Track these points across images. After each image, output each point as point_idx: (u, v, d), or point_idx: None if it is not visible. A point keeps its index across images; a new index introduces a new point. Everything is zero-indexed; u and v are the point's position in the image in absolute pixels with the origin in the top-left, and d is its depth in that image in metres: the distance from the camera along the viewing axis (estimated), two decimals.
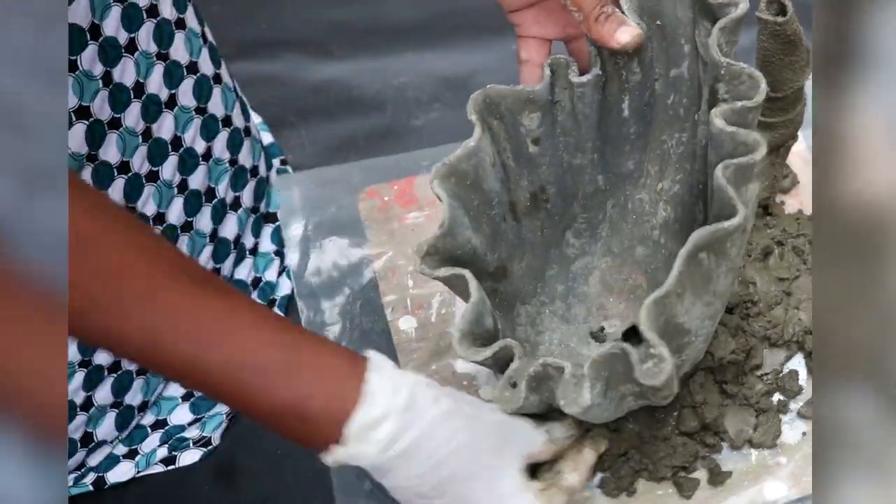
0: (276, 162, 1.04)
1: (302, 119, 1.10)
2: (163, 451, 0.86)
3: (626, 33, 0.72)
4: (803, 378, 0.82)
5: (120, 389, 0.85)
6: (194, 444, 0.87)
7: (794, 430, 0.80)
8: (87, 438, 0.84)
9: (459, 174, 0.73)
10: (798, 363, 0.82)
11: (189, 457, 0.86)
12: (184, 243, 0.87)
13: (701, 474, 0.78)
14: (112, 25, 0.76)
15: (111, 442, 0.86)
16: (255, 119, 1.08)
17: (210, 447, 0.87)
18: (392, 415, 0.61)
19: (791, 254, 0.86)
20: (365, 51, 1.17)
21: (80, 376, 0.81)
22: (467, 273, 0.69)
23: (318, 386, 0.61)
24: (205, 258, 0.90)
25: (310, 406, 0.61)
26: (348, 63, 1.16)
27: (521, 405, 0.67)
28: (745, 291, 0.83)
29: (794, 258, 0.85)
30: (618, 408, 0.69)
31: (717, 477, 0.78)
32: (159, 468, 0.86)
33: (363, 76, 1.14)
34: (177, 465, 0.86)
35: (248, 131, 0.93)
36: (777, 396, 0.81)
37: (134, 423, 0.87)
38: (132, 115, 0.79)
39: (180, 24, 0.82)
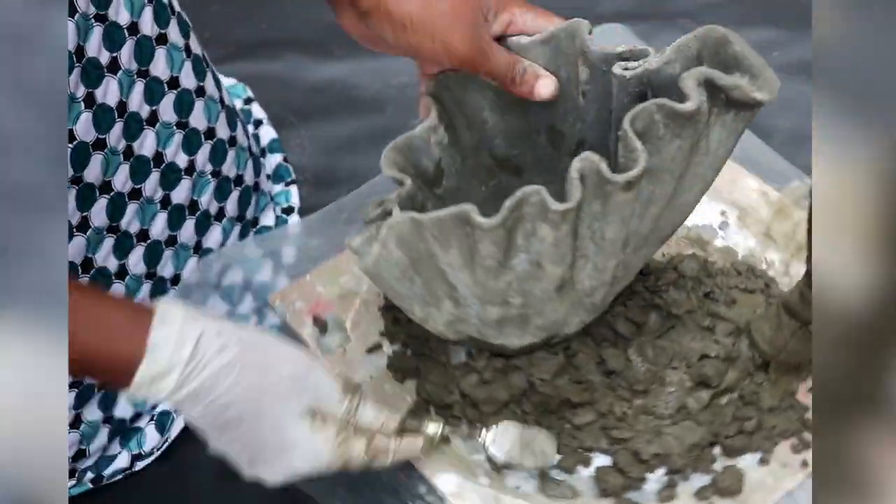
0: (278, 157, 1.04)
1: (302, 119, 1.10)
2: (152, 434, 0.87)
3: (545, 87, 0.75)
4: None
5: (107, 405, 0.86)
6: (176, 413, 0.87)
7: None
8: (80, 454, 0.85)
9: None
10: None
11: (175, 429, 0.88)
12: (168, 258, 0.88)
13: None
14: (94, 46, 0.76)
15: (102, 450, 0.87)
16: (262, 114, 1.08)
17: None
18: (175, 368, 0.64)
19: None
20: (365, 51, 1.16)
21: (70, 396, 0.82)
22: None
23: (101, 346, 0.64)
24: (189, 270, 0.91)
25: (96, 365, 0.64)
26: (348, 63, 1.16)
27: (378, 257, 0.69)
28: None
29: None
30: (430, 293, 0.71)
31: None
32: (154, 456, 0.86)
33: (363, 76, 1.15)
34: (168, 441, 0.88)
35: (233, 141, 0.93)
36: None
37: (124, 431, 0.88)
38: (115, 135, 0.79)
39: (161, 39, 0.82)
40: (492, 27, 0.75)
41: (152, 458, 0.87)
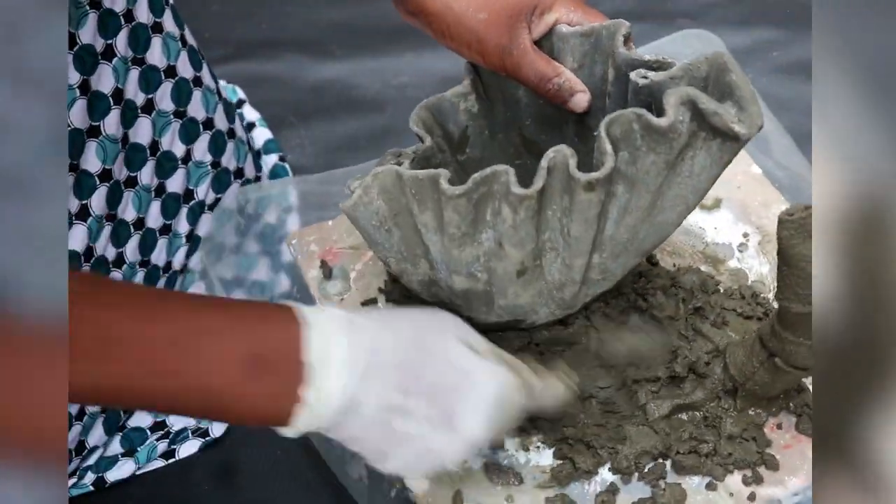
0: (273, 158, 1.04)
1: (302, 119, 1.10)
2: (162, 446, 0.86)
3: (579, 103, 0.76)
4: None
5: None
6: (192, 433, 0.87)
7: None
8: (80, 447, 0.84)
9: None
10: None
11: (188, 448, 0.86)
12: (162, 246, 0.88)
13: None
14: (89, 33, 0.76)
15: (102, 446, 0.86)
16: (254, 115, 1.08)
17: (209, 438, 0.87)
18: (340, 322, 0.62)
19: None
20: (365, 51, 1.17)
21: None
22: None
23: (263, 333, 0.61)
24: (180, 258, 0.91)
25: (263, 350, 0.60)
26: (348, 63, 1.16)
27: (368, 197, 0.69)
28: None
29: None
30: (408, 248, 0.72)
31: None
32: (159, 462, 0.86)
33: (363, 76, 1.15)
34: (177, 458, 0.86)
35: (231, 133, 0.93)
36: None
37: (121, 424, 0.88)
38: (111, 123, 0.79)
39: (157, 28, 0.82)
40: (536, 29, 0.75)
41: (156, 465, 0.87)
